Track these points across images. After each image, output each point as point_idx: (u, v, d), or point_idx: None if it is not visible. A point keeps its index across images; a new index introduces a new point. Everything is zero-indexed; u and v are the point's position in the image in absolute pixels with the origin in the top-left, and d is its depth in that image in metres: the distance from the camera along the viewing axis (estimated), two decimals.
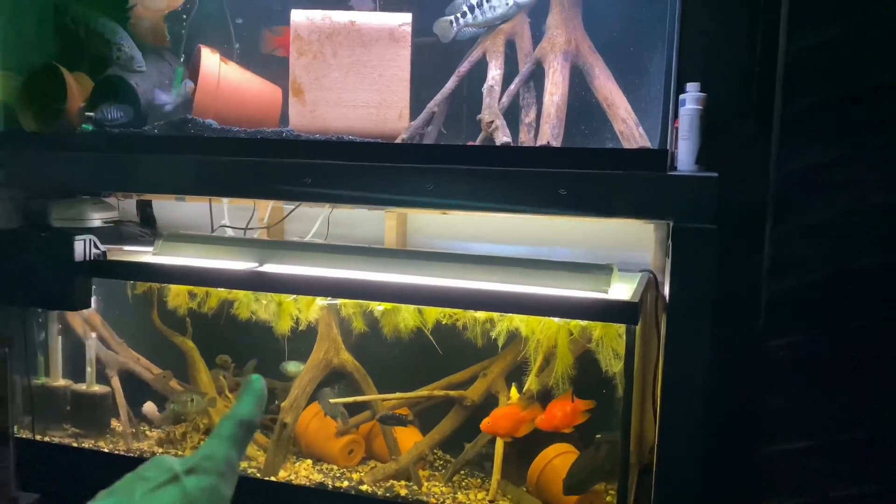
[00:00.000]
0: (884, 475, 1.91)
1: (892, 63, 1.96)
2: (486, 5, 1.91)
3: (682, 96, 1.90)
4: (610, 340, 1.81)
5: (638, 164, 1.74)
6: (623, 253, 2.24)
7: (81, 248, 2.10)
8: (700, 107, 1.90)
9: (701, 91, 1.96)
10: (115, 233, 2.55)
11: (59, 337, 2.45)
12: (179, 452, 2.30)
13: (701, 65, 1.99)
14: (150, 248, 2.34)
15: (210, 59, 2.21)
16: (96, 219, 2.52)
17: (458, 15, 1.97)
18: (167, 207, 2.65)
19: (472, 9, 1.94)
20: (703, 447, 1.74)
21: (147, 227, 2.65)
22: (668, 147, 1.82)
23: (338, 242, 2.32)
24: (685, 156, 1.90)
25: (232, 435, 0.69)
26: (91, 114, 2.29)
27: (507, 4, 1.90)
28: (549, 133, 1.85)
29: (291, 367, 2.33)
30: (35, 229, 2.18)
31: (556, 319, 1.87)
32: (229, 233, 2.47)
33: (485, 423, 1.99)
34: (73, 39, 2.45)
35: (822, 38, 2.10)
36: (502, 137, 1.89)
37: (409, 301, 1.92)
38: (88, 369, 2.41)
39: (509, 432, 1.98)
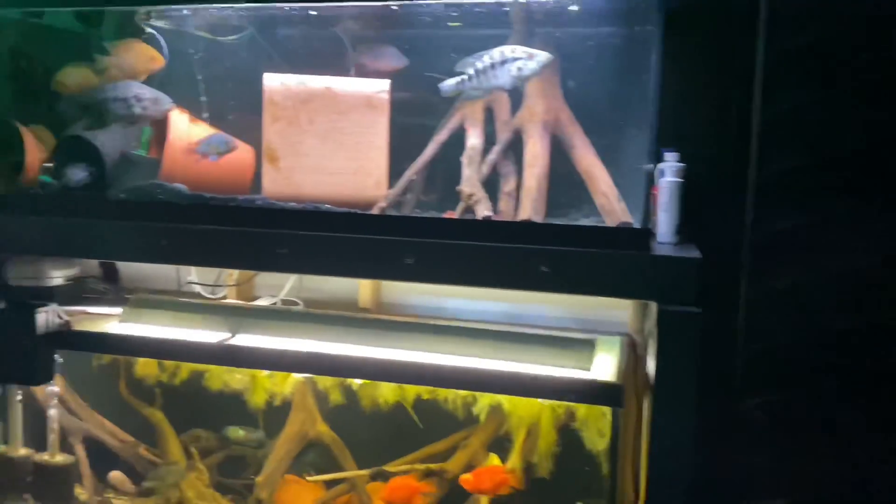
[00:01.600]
0: None
1: (862, 130, 1.99)
2: (490, 72, 1.88)
3: (660, 166, 1.90)
4: (594, 419, 1.80)
5: (620, 243, 1.73)
6: (600, 312, 2.23)
7: (43, 320, 2.01)
8: (679, 179, 1.90)
9: (678, 156, 1.98)
10: (77, 291, 2.46)
11: (20, 403, 2.35)
12: None
13: (678, 132, 1.99)
14: (114, 309, 2.26)
15: (179, 120, 2.14)
16: (57, 277, 2.43)
17: (465, 76, 1.93)
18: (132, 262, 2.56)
19: (477, 73, 1.91)
20: None
21: (111, 284, 2.56)
22: (651, 226, 1.81)
23: (311, 298, 2.27)
24: (665, 227, 1.89)
25: None
26: (48, 173, 2.21)
27: (512, 75, 1.86)
28: (531, 207, 1.83)
29: (232, 432, 2.29)
30: None
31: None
32: (197, 289, 2.39)
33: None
34: (30, 85, 2.36)
35: (795, 104, 2.13)
36: (483, 211, 1.86)
37: (387, 378, 1.88)
38: (51, 437, 2.31)
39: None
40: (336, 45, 2.18)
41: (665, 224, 1.91)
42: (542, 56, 1.84)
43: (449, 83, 1.96)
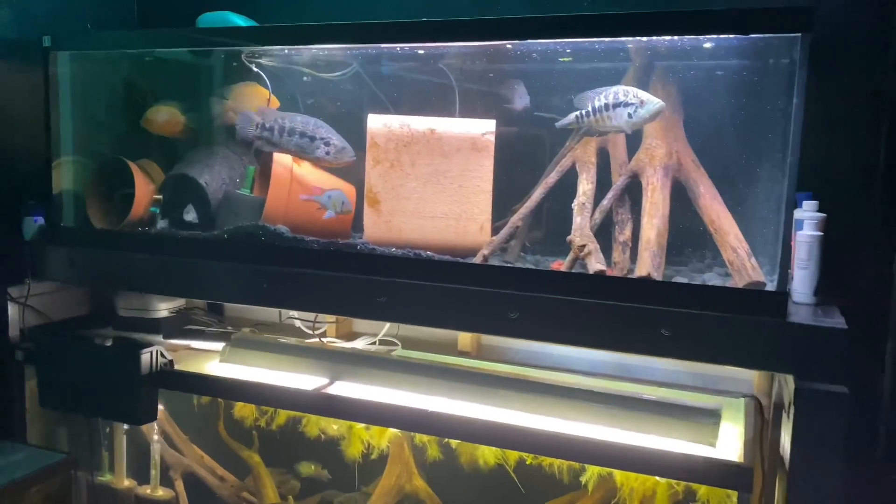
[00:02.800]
0: None
1: None
2: (604, 113, 1.75)
3: (797, 216, 1.70)
4: (717, 499, 1.62)
5: (751, 307, 1.55)
6: (721, 367, 2.03)
7: (148, 360, 2.02)
8: (820, 232, 1.70)
9: (816, 204, 1.77)
10: (182, 322, 2.49)
11: (125, 435, 2.38)
12: None
13: (818, 176, 1.77)
14: (217, 344, 2.26)
15: (282, 160, 2.10)
16: (163, 309, 2.47)
17: (583, 112, 1.81)
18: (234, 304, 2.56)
19: (594, 111, 1.78)
20: None
21: (214, 316, 2.57)
22: (788, 288, 1.61)
23: (409, 337, 2.19)
24: (803, 286, 1.70)
25: None
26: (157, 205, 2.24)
27: (627, 120, 1.73)
28: (650, 263, 1.67)
29: (304, 467, 2.24)
30: (100, 342, 2.10)
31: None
32: (297, 324, 2.36)
33: None
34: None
35: None
36: (595, 264, 1.71)
37: (489, 442, 1.77)
38: (153, 472, 2.34)
39: None
40: (442, 80, 2.09)
41: (803, 282, 1.71)
42: (653, 105, 1.70)
43: (567, 119, 1.84)
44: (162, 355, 2.06)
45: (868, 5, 1.89)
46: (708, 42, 1.75)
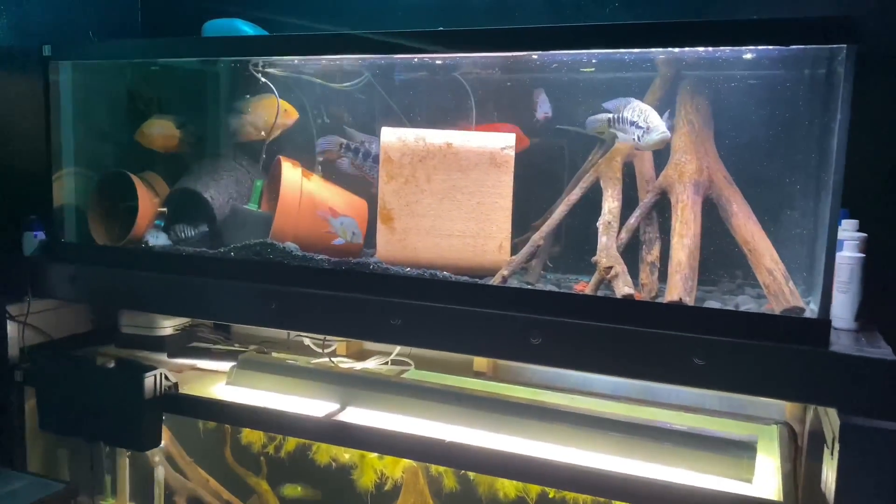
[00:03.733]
0: None
1: None
2: (618, 125, 1.69)
3: (839, 237, 1.61)
4: None
5: (789, 335, 1.45)
6: None
7: (152, 383, 1.93)
8: (862, 254, 1.60)
9: (857, 223, 1.68)
10: (187, 340, 2.41)
11: (127, 459, 2.30)
12: None
13: (855, 196, 1.67)
14: (223, 364, 2.17)
15: (291, 174, 2.02)
16: (168, 327, 2.38)
17: (615, 117, 1.73)
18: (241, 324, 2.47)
19: (616, 120, 1.71)
20: None
21: (221, 333, 2.49)
22: (830, 316, 1.51)
23: (422, 357, 2.10)
24: (844, 311, 1.60)
25: None
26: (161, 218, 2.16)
27: (634, 142, 1.65)
28: (682, 287, 1.57)
29: (288, 490, 2.20)
30: (103, 364, 2.01)
31: None
32: (306, 342, 2.27)
33: None
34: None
35: None
36: (623, 287, 1.62)
37: (507, 475, 1.67)
38: (156, 494, 2.25)
39: None
40: (457, 90, 2.01)
41: (844, 307, 1.61)
42: (657, 136, 1.63)
43: (597, 118, 1.75)
44: (166, 378, 1.98)
45: None
46: (744, 53, 1.66)
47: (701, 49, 1.67)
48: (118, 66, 2.31)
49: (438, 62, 1.98)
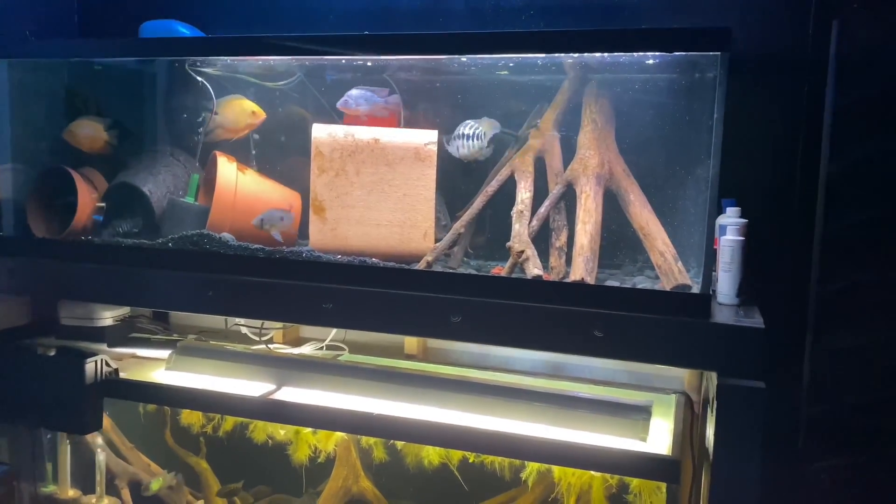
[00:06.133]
0: None
1: None
2: (455, 143, 1.99)
3: (720, 222, 1.81)
4: (648, 491, 1.71)
5: (678, 308, 1.65)
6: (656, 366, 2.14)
7: (92, 369, 2.01)
8: (742, 237, 1.81)
9: (739, 210, 1.89)
10: (127, 330, 2.48)
11: (68, 445, 2.36)
12: None
13: (739, 184, 1.89)
14: (162, 352, 2.26)
15: (227, 168, 2.13)
16: (107, 318, 2.45)
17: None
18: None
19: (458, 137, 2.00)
20: None
21: (160, 323, 2.57)
22: (711, 290, 1.71)
23: (356, 342, 2.23)
24: (727, 288, 1.80)
25: None
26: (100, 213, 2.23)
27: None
28: (583, 268, 1.76)
29: (155, 484, 2.30)
30: (44, 352, 2.08)
31: None
32: (244, 331, 2.38)
33: None
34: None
35: (863, 155, 2.01)
36: (533, 269, 1.79)
37: (431, 442, 1.83)
38: (98, 478, 2.32)
39: None
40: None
41: (727, 285, 1.81)
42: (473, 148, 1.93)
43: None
44: (107, 364, 2.06)
45: (787, 27, 2.03)
46: (643, 59, 1.85)
47: (606, 54, 1.86)
48: (56, 64, 2.37)
49: (369, 63, 2.12)
